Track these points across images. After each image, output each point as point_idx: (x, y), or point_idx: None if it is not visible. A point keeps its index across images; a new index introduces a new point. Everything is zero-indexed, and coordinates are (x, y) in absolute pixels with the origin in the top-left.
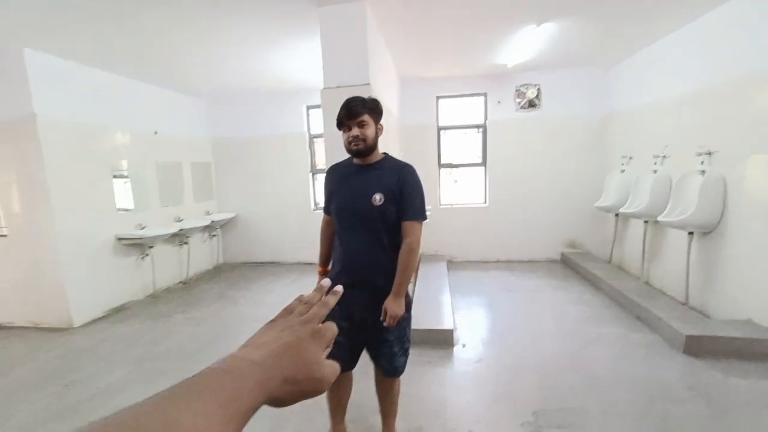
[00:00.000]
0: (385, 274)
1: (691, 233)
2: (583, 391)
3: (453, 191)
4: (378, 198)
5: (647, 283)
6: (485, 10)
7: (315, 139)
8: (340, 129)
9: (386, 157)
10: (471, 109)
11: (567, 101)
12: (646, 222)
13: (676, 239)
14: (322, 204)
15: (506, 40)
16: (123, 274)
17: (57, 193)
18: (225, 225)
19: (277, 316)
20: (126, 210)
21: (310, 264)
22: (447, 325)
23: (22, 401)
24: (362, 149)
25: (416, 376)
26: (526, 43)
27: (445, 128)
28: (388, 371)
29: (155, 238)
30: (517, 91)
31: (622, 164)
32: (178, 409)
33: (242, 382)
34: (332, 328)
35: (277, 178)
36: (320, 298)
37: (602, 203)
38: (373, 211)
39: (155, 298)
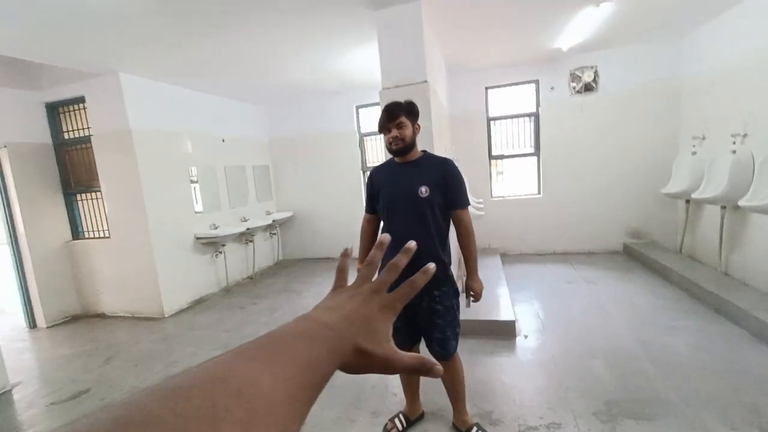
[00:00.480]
0: (434, 260)
1: None
2: (659, 380)
3: (502, 183)
4: (424, 190)
5: (726, 273)
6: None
7: (365, 138)
8: (381, 133)
9: (426, 153)
10: (522, 97)
11: (626, 82)
12: (723, 208)
13: (762, 226)
14: None
15: (562, 23)
16: (201, 270)
17: (149, 198)
18: (283, 223)
19: (337, 281)
20: (199, 212)
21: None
22: (507, 316)
23: (131, 377)
24: (402, 148)
25: (481, 365)
26: (583, 24)
27: (495, 119)
28: (441, 355)
29: (227, 237)
30: (571, 74)
31: (694, 145)
32: (258, 370)
33: (318, 347)
34: (402, 298)
35: (330, 176)
36: (381, 257)
37: (670, 189)
38: (420, 203)
39: (228, 291)
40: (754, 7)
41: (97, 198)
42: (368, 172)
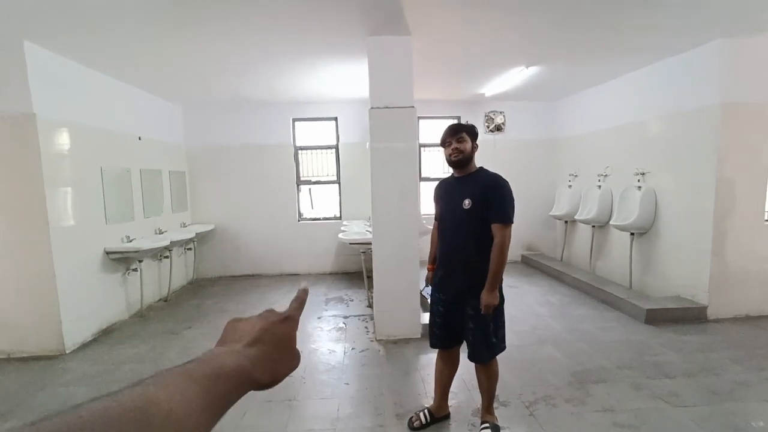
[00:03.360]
0: (471, 269)
1: (632, 234)
2: (595, 354)
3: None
4: (467, 203)
5: (594, 274)
6: (493, 50)
7: (300, 152)
8: (443, 146)
9: (480, 169)
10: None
11: (525, 127)
12: (593, 227)
13: (620, 239)
14: (306, 215)
15: (494, 76)
16: (109, 292)
17: (53, 203)
18: (201, 238)
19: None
20: (110, 222)
21: (295, 275)
22: None
23: None
24: (460, 160)
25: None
26: (508, 79)
27: (425, 146)
28: (470, 356)
29: (146, 252)
30: (486, 116)
31: (569, 180)
32: (155, 391)
33: (222, 367)
34: (299, 307)
35: (259, 189)
36: (304, 298)
37: (556, 212)
38: (463, 215)
39: (142, 317)
40: (606, 89)
41: None
42: (302, 186)
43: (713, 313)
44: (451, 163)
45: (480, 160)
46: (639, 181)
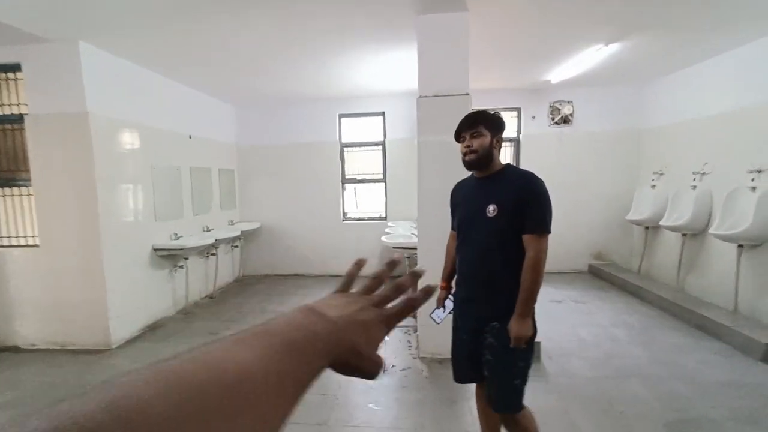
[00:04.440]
0: (497, 291)
1: (740, 246)
2: (694, 398)
3: None
4: (492, 209)
5: (684, 291)
6: (566, 25)
7: (346, 149)
8: (457, 141)
9: (507, 167)
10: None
11: (598, 117)
12: (684, 235)
13: (722, 251)
14: (351, 215)
15: (568, 57)
16: (156, 289)
17: (104, 200)
18: (247, 236)
19: (342, 285)
20: (159, 219)
21: (338, 276)
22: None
23: None
24: (474, 160)
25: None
26: (581, 61)
27: None
28: (488, 399)
29: (192, 249)
30: (551, 106)
31: (653, 180)
32: (252, 360)
33: (314, 340)
34: (398, 314)
35: (306, 187)
36: (389, 274)
37: (634, 216)
38: (487, 224)
39: (187, 314)
40: (706, 70)
41: (20, 195)
42: (347, 185)
43: None
44: (465, 164)
45: (543, 156)
46: (753, 180)
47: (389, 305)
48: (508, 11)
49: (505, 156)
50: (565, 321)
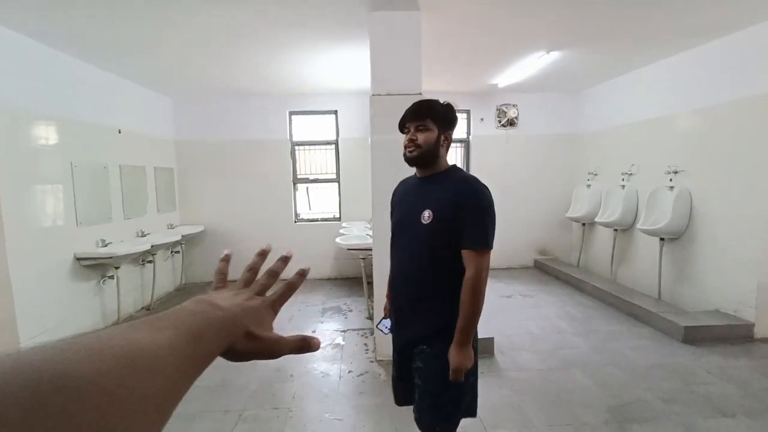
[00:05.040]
0: (425, 309)
1: (662, 239)
2: (630, 382)
3: None
4: (427, 215)
5: (617, 282)
6: (513, 31)
7: (297, 147)
8: (401, 131)
9: (452, 168)
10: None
11: (540, 121)
12: (615, 230)
13: (647, 244)
14: (304, 216)
15: (509, 64)
16: (81, 303)
17: (7, 204)
18: (189, 240)
19: (216, 282)
20: (82, 224)
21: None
22: (488, 333)
23: None
24: (417, 156)
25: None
26: (525, 67)
27: None
28: (418, 422)
29: (123, 257)
30: (498, 109)
31: (588, 179)
32: (140, 336)
33: (208, 324)
34: (280, 299)
35: (255, 187)
36: (261, 264)
37: (573, 214)
38: (421, 231)
39: None
40: (626, 83)
41: None
42: (299, 185)
43: (761, 332)
44: (406, 159)
45: (491, 157)
46: (671, 180)
47: (270, 291)
48: (457, 13)
49: (455, 157)
50: (515, 315)
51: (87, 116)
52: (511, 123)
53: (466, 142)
